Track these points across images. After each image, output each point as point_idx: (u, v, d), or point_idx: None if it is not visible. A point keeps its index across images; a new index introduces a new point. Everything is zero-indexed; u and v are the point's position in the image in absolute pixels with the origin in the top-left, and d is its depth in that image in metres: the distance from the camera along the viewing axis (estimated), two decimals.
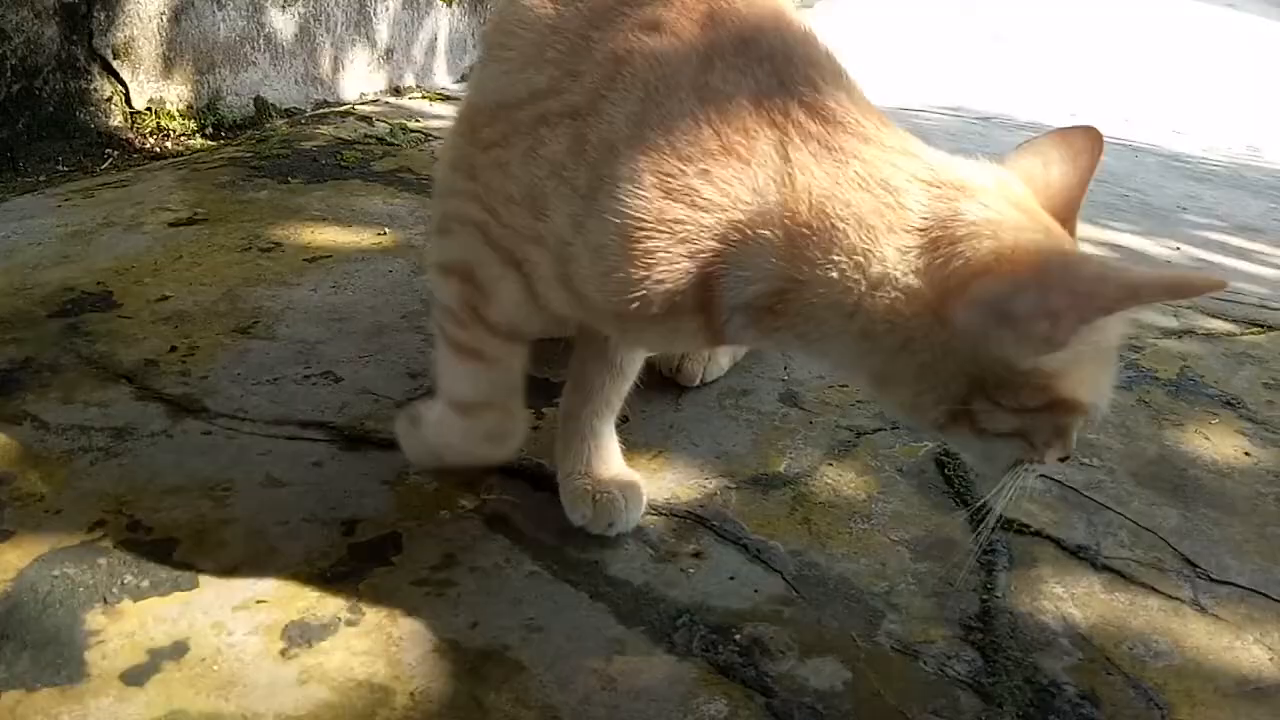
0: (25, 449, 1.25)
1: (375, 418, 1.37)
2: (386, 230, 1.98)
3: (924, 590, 1.18)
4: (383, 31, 3.50)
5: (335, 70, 3.32)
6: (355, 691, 0.95)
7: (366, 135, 2.60)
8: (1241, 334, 2.08)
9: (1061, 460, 0.95)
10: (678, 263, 0.88)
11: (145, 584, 1.06)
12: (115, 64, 2.47)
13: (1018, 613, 1.15)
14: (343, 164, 2.34)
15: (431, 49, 3.69)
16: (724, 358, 1.57)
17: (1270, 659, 1.12)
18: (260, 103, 2.93)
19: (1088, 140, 0.97)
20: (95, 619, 1.01)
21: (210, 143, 2.60)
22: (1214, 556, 1.27)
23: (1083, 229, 2.89)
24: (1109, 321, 0.84)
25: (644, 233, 0.87)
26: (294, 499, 1.20)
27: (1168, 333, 1.93)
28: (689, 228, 0.87)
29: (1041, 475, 1.26)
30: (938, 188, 0.86)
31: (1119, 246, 2.71)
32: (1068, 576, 1.22)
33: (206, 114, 2.72)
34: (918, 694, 1.03)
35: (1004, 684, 1.05)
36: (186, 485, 1.21)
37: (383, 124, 2.73)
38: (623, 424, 1.43)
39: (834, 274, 0.86)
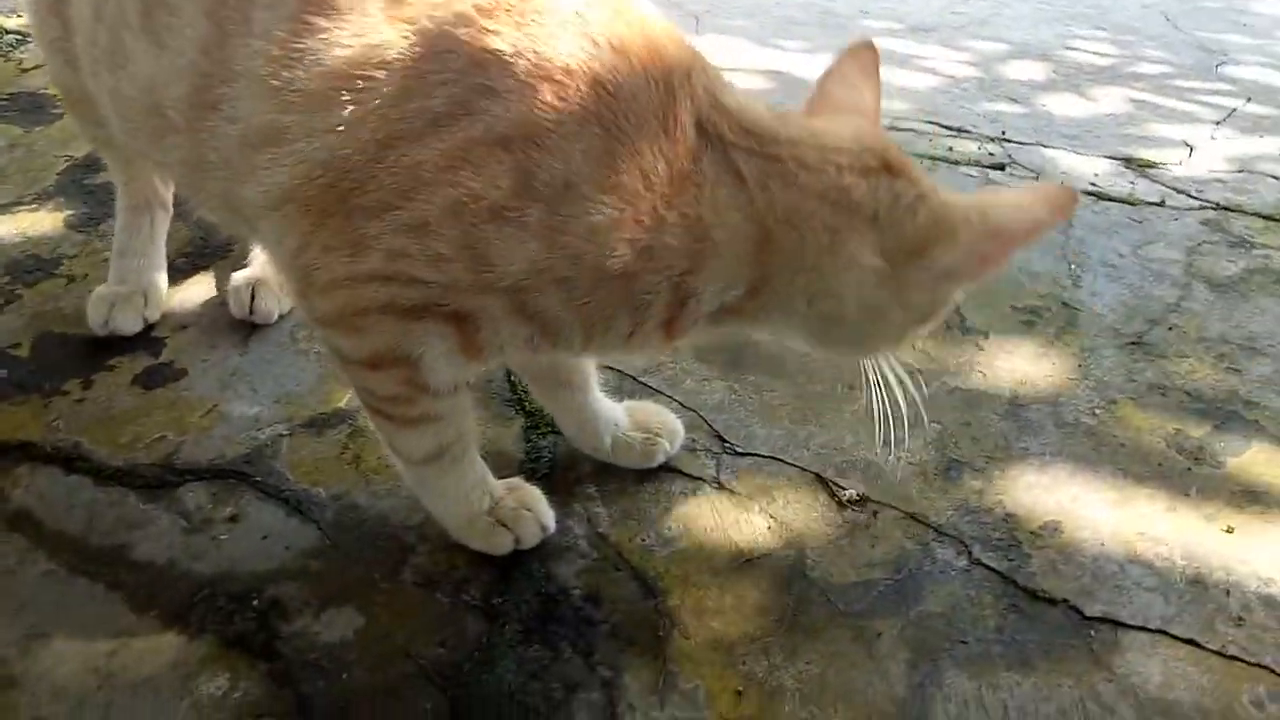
0: None
1: None
2: None
3: None
4: None
5: None
6: None
7: None
8: None
9: None
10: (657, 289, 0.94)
11: None
12: None
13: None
14: None
15: None
16: None
17: (769, 527, 1.23)
18: None
19: (872, 56, 1.11)
20: None
21: None
22: (745, 428, 1.37)
23: (753, 54, 2.91)
24: None
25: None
26: None
27: None
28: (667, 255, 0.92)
29: (606, 368, 1.32)
30: (871, 174, 0.96)
31: (778, 73, 2.74)
32: (604, 473, 1.29)
33: None
34: (427, 627, 1.09)
35: (513, 600, 1.12)
36: None
37: None
38: (179, 379, 1.40)
39: (802, 273, 0.96)
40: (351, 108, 0.91)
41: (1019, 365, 1.55)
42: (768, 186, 0.94)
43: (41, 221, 1.70)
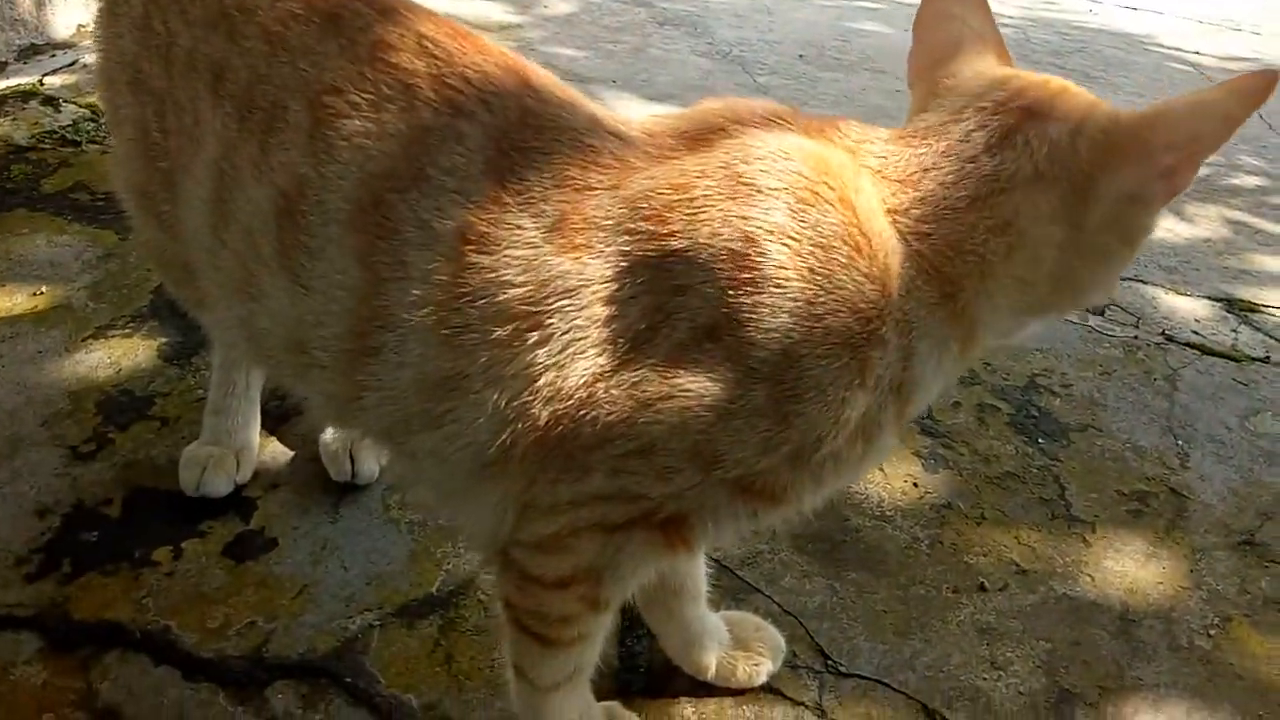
0: None
1: None
2: (44, 288, 1.80)
3: None
4: None
5: (39, 6, 3.00)
6: None
7: (45, 132, 2.33)
8: None
9: None
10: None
11: None
12: None
13: None
14: (8, 184, 2.10)
15: None
16: None
17: None
18: None
19: None
20: None
21: None
22: (848, 641, 1.32)
23: None
24: None
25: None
26: None
27: None
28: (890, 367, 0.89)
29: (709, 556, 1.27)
30: (1013, 134, 0.90)
31: None
32: (700, 690, 1.24)
33: None
34: None
35: None
36: None
37: (71, 106, 2.45)
38: (269, 550, 1.38)
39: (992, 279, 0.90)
40: (542, 350, 0.87)
41: (1128, 568, 1.48)
42: (924, 234, 0.88)
43: (134, 350, 1.68)
